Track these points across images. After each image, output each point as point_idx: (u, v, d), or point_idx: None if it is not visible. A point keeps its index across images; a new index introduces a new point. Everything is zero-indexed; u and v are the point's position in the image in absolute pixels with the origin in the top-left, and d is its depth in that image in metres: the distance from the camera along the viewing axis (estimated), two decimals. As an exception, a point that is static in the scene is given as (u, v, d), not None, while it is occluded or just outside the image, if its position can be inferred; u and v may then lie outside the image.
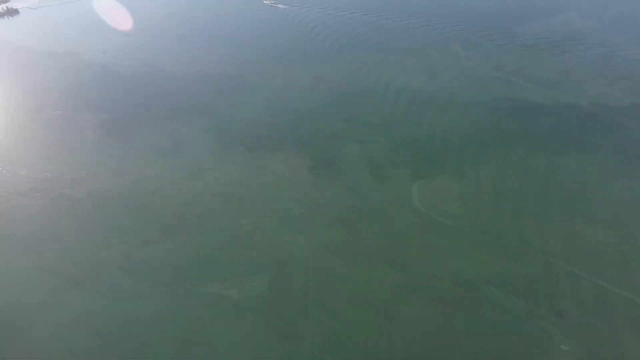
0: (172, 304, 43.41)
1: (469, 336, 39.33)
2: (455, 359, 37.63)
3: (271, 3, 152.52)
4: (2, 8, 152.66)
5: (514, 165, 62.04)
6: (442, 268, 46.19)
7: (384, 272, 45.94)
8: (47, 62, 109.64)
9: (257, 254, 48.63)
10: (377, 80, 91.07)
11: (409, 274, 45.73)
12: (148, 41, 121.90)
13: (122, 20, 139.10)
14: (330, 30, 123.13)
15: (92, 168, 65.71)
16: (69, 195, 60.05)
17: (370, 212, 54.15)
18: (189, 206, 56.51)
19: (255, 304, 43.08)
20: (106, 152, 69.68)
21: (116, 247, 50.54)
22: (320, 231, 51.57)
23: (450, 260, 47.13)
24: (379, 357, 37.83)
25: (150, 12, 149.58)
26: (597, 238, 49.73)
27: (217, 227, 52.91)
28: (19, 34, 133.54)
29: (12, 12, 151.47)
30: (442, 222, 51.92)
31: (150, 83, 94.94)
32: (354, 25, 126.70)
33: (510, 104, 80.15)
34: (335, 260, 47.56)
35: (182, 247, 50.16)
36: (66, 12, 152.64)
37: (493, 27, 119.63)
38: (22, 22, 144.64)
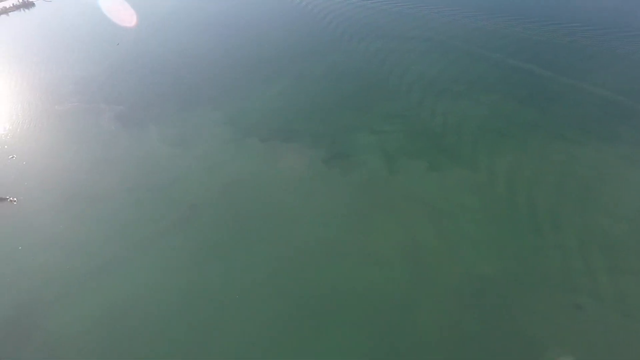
0: (184, 300, 44.48)
1: (484, 332, 39.15)
2: (469, 355, 37.55)
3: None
4: (18, 1, 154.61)
5: (531, 156, 60.58)
6: (456, 262, 45.85)
7: (397, 267, 45.83)
8: (62, 54, 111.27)
9: (271, 248, 49.12)
10: (390, 69, 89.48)
11: (423, 268, 45.48)
12: (161, 32, 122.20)
13: (135, 12, 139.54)
14: (341, 19, 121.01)
15: (108, 160, 67.13)
16: (86, 186, 61.55)
17: (384, 204, 53.85)
18: (204, 198, 57.30)
19: (267, 296, 43.73)
20: (122, 144, 70.99)
21: (131, 238, 51.79)
22: (334, 223, 51.64)
23: (464, 254, 46.74)
24: (392, 353, 38.03)
25: (163, 4, 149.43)
26: (617, 231, 48.57)
27: (230, 220, 53.44)
28: (35, 26, 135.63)
29: (28, 5, 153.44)
30: (457, 215, 51.37)
31: (165, 74, 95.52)
32: (365, 12, 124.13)
33: (527, 91, 77.87)
34: (349, 253, 47.72)
35: (195, 240, 51.03)
36: (81, 4, 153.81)
37: (507, 13, 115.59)
38: (38, 14, 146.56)
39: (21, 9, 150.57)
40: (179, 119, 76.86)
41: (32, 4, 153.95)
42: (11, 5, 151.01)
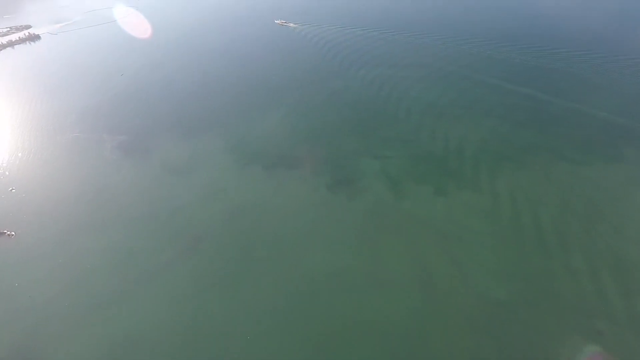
0: (190, 336, 42.68)
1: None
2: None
3: (282, 22, 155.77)
4: (24, 34, 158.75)
5: (536, 177, 60.62)
6: (468, 288, 44.68)
7: (408, 294, 44.56)
8: (66, 85, 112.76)
9: (278, 279, 47.79)
10: (388, 95, 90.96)
11: (435, 294, 44.28)
12: (164, 62, 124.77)
13: (137, 43, 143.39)
14: (340, 47, 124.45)
15: (110, 190, 66.37)
16: (86, 218, 60.43)
17: (392, 230, 53.03)
18: (208, 227, 56.24)
19: (275, 330, 42.16)
20: (124, 174, 70.42)
21: (134, 271, 50.35)
22: (342, 251, 50.55)
23: (476, 279, 45.62)
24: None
25: (166, 35, 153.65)
26: (628, 252, 47.76)
27: (235, 251, 52.21)
28: (40, 58, 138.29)
29: (34, 38, 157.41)
30: (466, 239, 50.53)
31: (167, 103, 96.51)
32: (363, 41, 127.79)
33: (526, 115, 78.92)
34: (359, 281, 46.39)
35: (200, 272, 49.59)
36: (85, 36, 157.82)
37: (501, 39, 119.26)
38: (43, 47, 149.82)
39: (27, 42, 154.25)
40: (181, 147, 76.84)
41: (38, 37, 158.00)
42: (17, 39, 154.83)
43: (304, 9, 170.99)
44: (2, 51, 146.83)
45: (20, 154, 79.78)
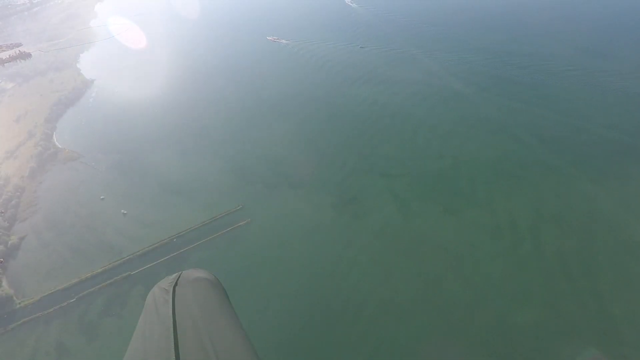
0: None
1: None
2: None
3: (274, 39, 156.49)
4: (15, 52, 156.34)
5: (547, 196, 59.37)
6: (484, 311, 43.04)
7: (421, 318, 42.78)
8: (58, 102, 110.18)
9: (283, 301, 45.71)
10: (386, 110, 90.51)
11: (450, 319, 42.50)
12: (158, 80, 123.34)
13: (131, 59, 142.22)
14: (333, 63, 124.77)
15: (106, 211, 63.74)
16: (82, 242, 57.73)
17: (402, 251, 51.37)
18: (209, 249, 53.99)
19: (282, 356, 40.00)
20: (120, 195, 67.85)
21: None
22: (349, 273, 48.71)
23: (492, 302, 44.05)
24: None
25: (159, 51, 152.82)
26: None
27: (237, 274, 49.76)
28: (30, 76, 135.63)
29: (25, 56, 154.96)
30: (479, 260, 49.10)
31: (163, 121, 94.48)
32: (357, 57, 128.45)
33: (535, 133, 77.98)
34: (368, 306, 44.51)
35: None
36: (77, 54, 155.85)
37: (494, 55, 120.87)
38: (34, 65, 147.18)
39: (17, 60, 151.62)
40: (179, 166, 74.59)
41: (29, 55, 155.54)
42: (7, 57, 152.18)
43: (294, 25, 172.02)
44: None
45: (7, 175, 76.63)
